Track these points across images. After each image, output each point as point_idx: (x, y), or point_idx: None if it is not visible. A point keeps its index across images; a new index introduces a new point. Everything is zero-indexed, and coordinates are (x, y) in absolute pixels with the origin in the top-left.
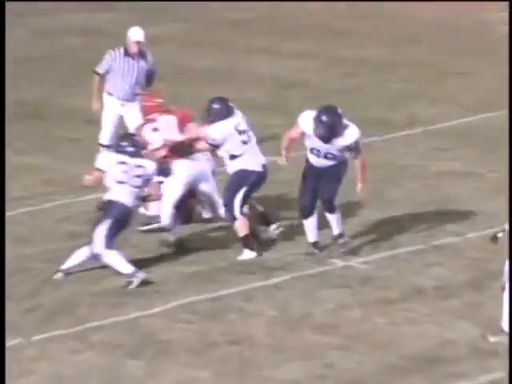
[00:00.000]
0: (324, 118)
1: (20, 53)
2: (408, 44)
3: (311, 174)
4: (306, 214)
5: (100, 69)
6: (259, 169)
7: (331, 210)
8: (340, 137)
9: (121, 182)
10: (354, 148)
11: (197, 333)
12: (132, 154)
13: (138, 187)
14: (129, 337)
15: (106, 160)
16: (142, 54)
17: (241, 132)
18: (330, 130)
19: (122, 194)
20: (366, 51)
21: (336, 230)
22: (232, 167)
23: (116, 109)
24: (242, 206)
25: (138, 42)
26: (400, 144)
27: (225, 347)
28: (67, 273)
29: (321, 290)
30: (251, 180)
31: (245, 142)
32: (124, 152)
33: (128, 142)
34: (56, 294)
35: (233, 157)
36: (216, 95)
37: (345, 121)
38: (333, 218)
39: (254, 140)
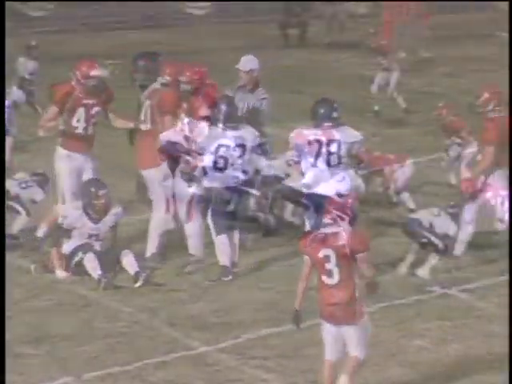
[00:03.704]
0: None
1: None
2: None
3: None
4: None
5: None
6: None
7: None
8: None
9: None
10: None
11: (272, 371)
12: None
13: None
14: (194, 375)
15: None
16: (253, 86)
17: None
18: None
19: None
20: None
21: None
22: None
23: None
24: None
25: (244, 72)
26: None
27: None
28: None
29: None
30: None
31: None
32: None
33: None
34: (110, 325)
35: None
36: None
37: None
38: None
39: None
